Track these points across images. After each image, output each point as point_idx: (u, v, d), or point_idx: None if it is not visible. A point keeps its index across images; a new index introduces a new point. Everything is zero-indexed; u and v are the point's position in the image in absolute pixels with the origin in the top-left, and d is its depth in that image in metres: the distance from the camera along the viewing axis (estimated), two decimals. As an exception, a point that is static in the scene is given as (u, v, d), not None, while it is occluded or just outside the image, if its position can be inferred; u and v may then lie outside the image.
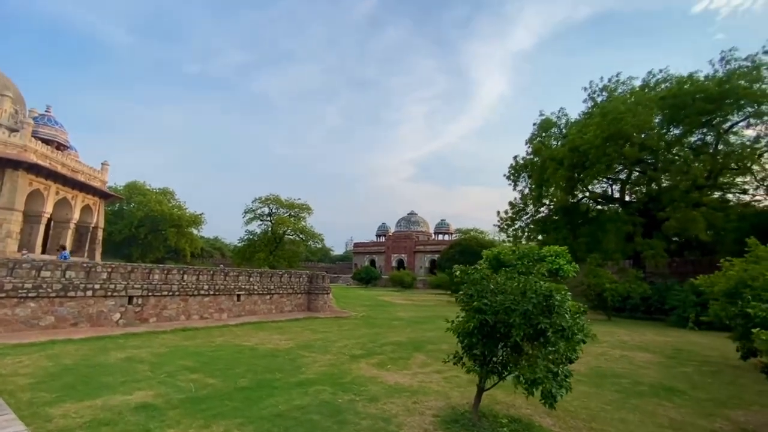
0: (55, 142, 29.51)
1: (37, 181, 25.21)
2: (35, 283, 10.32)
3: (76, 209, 29.22)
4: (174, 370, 7.21)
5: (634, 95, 24.93)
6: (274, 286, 17.32)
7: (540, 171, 29.65)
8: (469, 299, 4.63)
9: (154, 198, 60.12)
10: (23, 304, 10.13)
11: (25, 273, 10.23)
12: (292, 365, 8.16)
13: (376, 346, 10.88)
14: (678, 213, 23.13)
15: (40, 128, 28.52)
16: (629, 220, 24.16)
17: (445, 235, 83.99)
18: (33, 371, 6.69)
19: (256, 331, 12.59)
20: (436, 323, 16.89)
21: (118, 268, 12.11)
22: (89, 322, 11.29)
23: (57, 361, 7.47)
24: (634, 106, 23.04)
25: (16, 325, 9.97)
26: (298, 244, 63.52)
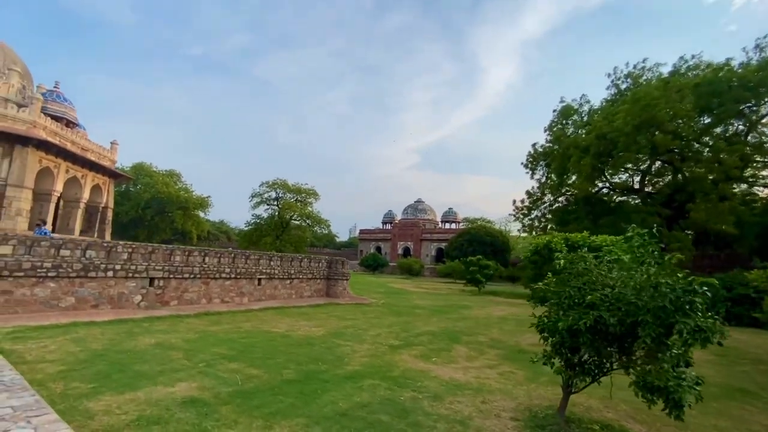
0: (65, 119, 28.79)
1: (46, 158, 24.60)
2: (55, 262, 9.79)
3: (86, 188, 28.68)
4: (210, 359, 6.68)
5: (669, 81, 23.82)
6: (294, 270, 16.79)
7: (561, 159, 28.76)
8: (577, 293, 3.99)
9: (160, 180, 59.62)
10: (42, 284, 9.61)
11: (44, 251, 9.69)
12: (332, 355, 7.62)
13: (410, 336, 10.35)
14: (707, 205, 22.35)
15: (48, 104, 27.77)
16: (655, 212, 23.37)
17: (452, 223, 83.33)
18: (61, 357, 6.16)
19: (281, 316, 12.09)
20: (460, 312, 16.38)
21: (139, 248, 11.56)
22: (110, 303, 10.80)
23: (84, 345, 6.95)
24: (668, 93, 22.01)
25: (35, 306, 9.47)
26: (304, 230, 63.24)
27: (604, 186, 31.00)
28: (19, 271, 9.21)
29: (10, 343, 6.76)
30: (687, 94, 21.56)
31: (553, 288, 4.55)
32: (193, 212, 63.77)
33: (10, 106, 23.69)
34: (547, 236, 9.47)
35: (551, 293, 4.58)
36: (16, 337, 7.12)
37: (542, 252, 9.14)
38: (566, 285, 4.18)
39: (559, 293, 4.36)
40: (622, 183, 30.30)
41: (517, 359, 8.43)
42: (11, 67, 27.80)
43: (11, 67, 27.80)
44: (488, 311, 17.62)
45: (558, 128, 32.64)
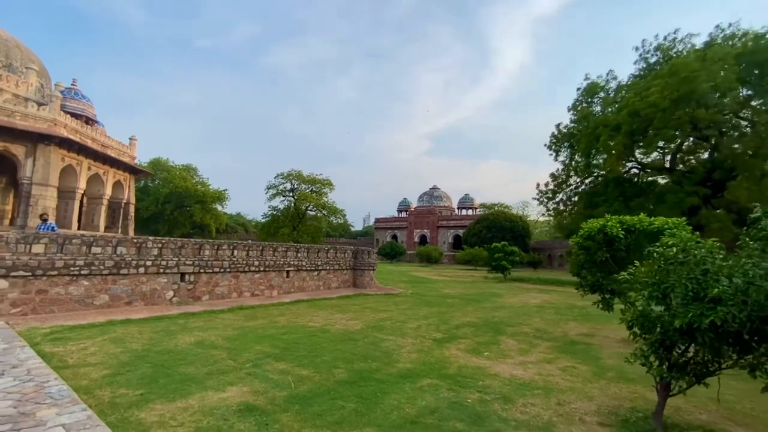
0: (84, 116, 28.90)
1: (69, 156, 24.75)
2: (87, 260, 9.62)
3: (108, 185, 28.90)
4: (255, 358, 6.35)
5: (707, 51, 22.32)
6: (321, 262, 16.49)
7: (589, 139, 27.56)
8: (696, 285, 3.42)
9: (178, 174, 60.14)
10: (76, 282, 9.47)
11: (76, 249, 9.51)
12: (379, 351, 7.22)
13: (451, 328, 9.90)
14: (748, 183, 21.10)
15: (67, 102, 27.87)
16: (693, 191, 22.19)
17: (469, 210, 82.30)
18: (103, 360, 5.91)
19: (314, 309, 11.79)
20: (493, 301, 15.87)
21: (168, 243, 11.34)
22: (143, 300, 10.64)
23: (124, 346, 6.71)
24: (708, 64, 20.61)
25: (70, 305, 9.34)
26: (320, 220, 63.37)
27: (633, 166, 29.70)
28: (52, 269, 9.06)
29: (50, 345, 6.56)
30: (729, 65, 20.14)
31: (653, 278, 3.97)
32: (211, 206, 64.31)
33: (30, 105, 23.79)
34: (600, 220, 8.78)
35: (648, 284, 4.01)
36: (55, 339, 6.93)
37: (596, 237, 8.46)
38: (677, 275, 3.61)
39: (662, 284, 3.79)
40: (653, 162, 28.95)
41: (572, 351, 7.90)
42: (28, 65, 27.91)
43: (28, 65, 27.91)
44: (522, 299, 17.06)
45: (583, 107, 31.27)
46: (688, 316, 3.29)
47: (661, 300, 3.84)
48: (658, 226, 8.16)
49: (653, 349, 3.89)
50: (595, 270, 8.84)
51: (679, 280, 3.51)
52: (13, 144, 22.15)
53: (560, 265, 58.69)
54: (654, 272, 4.03)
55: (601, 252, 8.48)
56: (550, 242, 66.24)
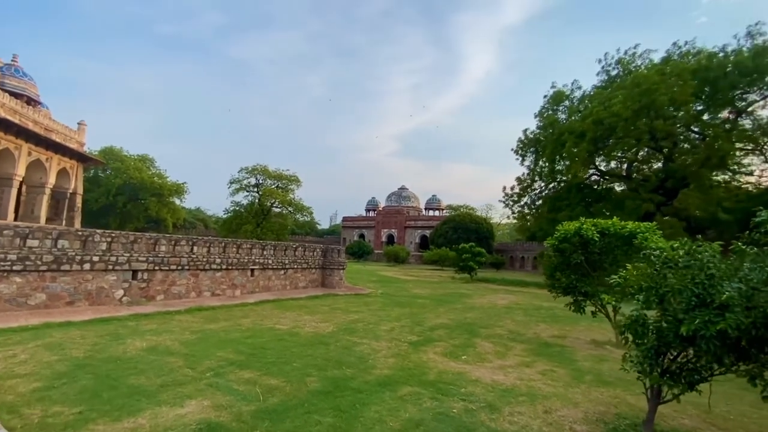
0: (25, 96, 26.24)
1: (5, 138, 22.31)
2: (21, 253, 8.47)
3: (51, 172, 26.39)
4: (217, 366, 5.73)
5: (667, 66, 23.63)
6: (288, 260, 15.76)
7: (554, 145, 28.48)
8: (703, 290, 3.26)
9: (132, 165, 56.39)
10: (7, 279, 8.31)
11: (8, 242, 8.35)
12: (353, 356, 6.80)
13: (426, 330, 9.63)
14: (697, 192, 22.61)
15: (6, 79, 25.22)
16: (648, 198, 23.44)
17: (436, 210, 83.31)
18: (34, 370, 5.09)
19: (280, 310, 11.15)
20: (463, 302, 15.85)
21: (119, 237, 10.29)
22: (88, 300, 9.57)
23: (62, 353, 5.86)
24: (667, 78, 21.82)
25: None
26: (285, 217, 61.83)
27: (594, 173, 31.06)
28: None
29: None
30: (686, 80, 21.42)
31: (649, 282, 3.81)
32: (168, 199, 60.87)
33: (-40, 80, 21.23)
34: (575, 222, 8.83)
35: (644, 288, 3.85)
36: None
37: (572, 239, 8.48)
38: (678, 279, 3.46)
39: (660, 288, 3.63)
40: (612, 170, 30.42)
41: (548, 354, 7.85)
42: (-40, 36, 24.91)
43: (-40, 36, 24.91)
44: (490, 300, 17.18)
45: (549, 114, 32.34)
46: (694, 323, 3.15)
47: (657, 304, 3.70)
48: (631, 230, 8.29)
49: (648, 355, 3.74)
50: (569, 272, 8.88)
51: (684, 285, 3.36)
52: (-63, 123, 19.66)
53: (521, 266, 60.69)
54: (649, 276, 3.89)
55: (577, 254, 8.52)
56: (512, 244, 68.44)
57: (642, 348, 3.83)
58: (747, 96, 24.72)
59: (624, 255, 8.59)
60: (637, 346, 3.92)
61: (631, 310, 3.94)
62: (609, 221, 8.66)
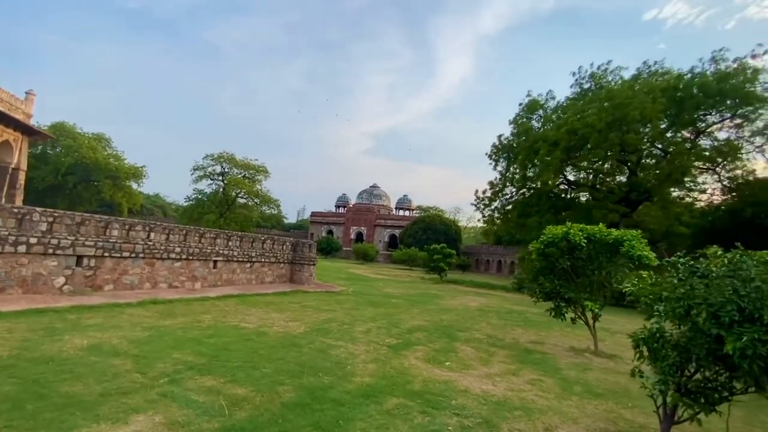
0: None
1: (-67, 101, 19.74)
2: (-64, 230, 7.17)
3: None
4: (173, 371, 4.94)
5: (638, 83, 24.55)
6: (255, 253, 14.80)
7: (527, 152, 28.94)
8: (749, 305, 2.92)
9: (86, 143, 52.22)
10: None
11: None
12: (329, 360, 6.18)
13: (403, 332, 9.15)
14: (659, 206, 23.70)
15: (-63, 35, 22.30)
16: (614, 209, 24.27)
17: (406, 210, 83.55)
18: (-62, 372, 4.11)
19: (245, 306, 10.30)
20: (436, 303, 15.57)
21: (63, 218, 9.06)
22: (22, 287, 8.32)
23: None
24: (639, 94, 22.63)
25: None
26: (251, 209, 59.69)
27: (563, 182, 31.91)
28: None
29: None
30: (656, 97, 22.32)
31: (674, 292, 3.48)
32: (125, 183, 57.01)
33: None
34: (562, 227, 8.66)
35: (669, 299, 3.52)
36: None
37: (560, 244, 8.28)
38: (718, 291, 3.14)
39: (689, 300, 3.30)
40: (580, 180, 31.40)
41: (532, 362, 7.59)
42: None
43: None
44: (462, 302, 17.02)
45: (524, 122, 32.87)
46: (741, 341, 2.83)
47: (682, 317, 3.38)
48: (616, 237, 8.20)
49: (669, 372, 3.42)
50: (553, 277, 8.70)
51: (727, 298, 3.04)
52: None
53: (486, 269, 61.95)
54: (673, 285, 3.58)
55: (563, 259, 8.33)
56: (478, 247, 69.78)
57: (662, 364, 3.50)
58: (707, 117, 26.24)
59: (608, 261, 8.52)
60: (655, 361, 3.60)
61: (652, 322, 3.61)
62: (595, 227, 8.55)
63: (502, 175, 34.38)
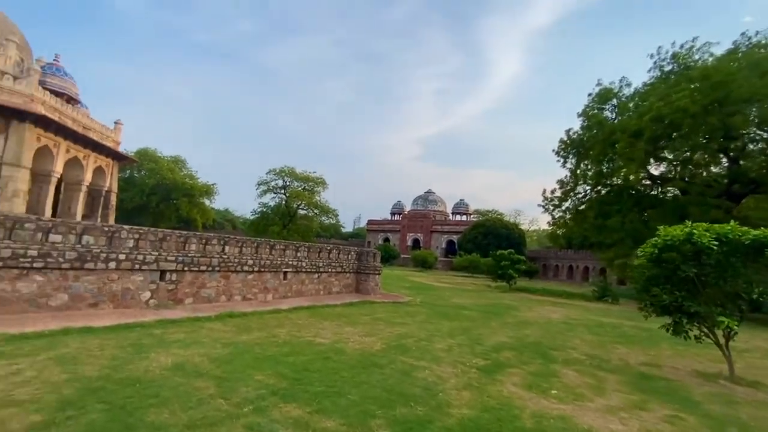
0: (65, 94, 26.58)
1: (45, 136, 22.48)
2: (42, 249, 7.70)
3: (88, 170, 26.58)
4: (256, 397, 4.57)
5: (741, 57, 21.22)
6: (322, 263, 14.69)
7: (602, 146, 26.35)
8: None
9: (165, 166, 57.54)
10: (27, 278, 7.55)
11: (29, 236, 7.60)
12: (417, 386, 5.51)
13: (488, 350, 8.22)
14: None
15: (48, 78, 25.57)
16: (717, 204, 21.03)
17: (464, 215, 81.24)
18: (37, 394, 4.08)
19: (317, 319, 10.01)
20: (513, 315, 14.28)
21: (147, 234, 9.46)
22: (113, 302, 8.74)
23: (74, 370, 4.87)
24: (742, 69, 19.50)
25: (18, 305, 7.42)
26: (311, 219, 61.59)
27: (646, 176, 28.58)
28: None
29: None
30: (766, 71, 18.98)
31: None
32: (199, 200, 61.77)
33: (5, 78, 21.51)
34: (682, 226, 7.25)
35: None
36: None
37: (683, 248, 6.90)
38: None
39: None
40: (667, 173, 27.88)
41: (655, 391, 6.29)
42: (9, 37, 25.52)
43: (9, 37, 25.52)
44: (540, 313, 15.51)
45: (595, 113, 30.13)
46: None
47: None
48: (756, 238, 6.63)
49: None
50: (672, 288, 7.27)
51: None
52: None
53: (555, 275, 57.76)
54: None
55: (687, 266, 6.91)
56: (544, 251, 65.50)
57: None
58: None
59: (744, 267, 6.95)
60: None
61: None
62: (726, 226, 7.02)
63: (573, 172, 31.73)
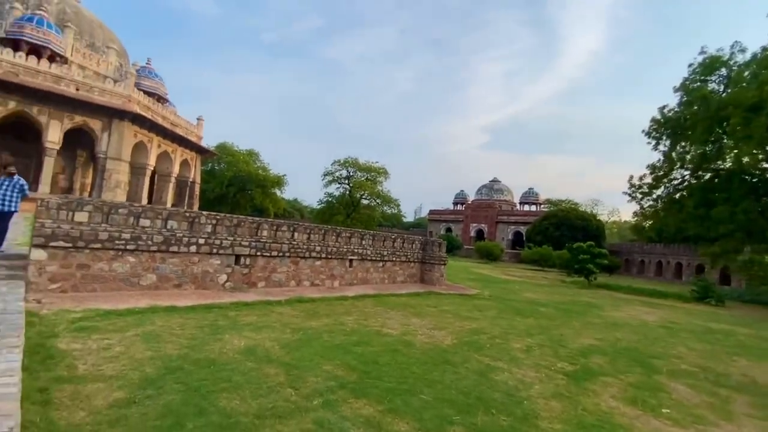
0: (156, 94, 29.34)
1: (140, 132, 25.03)
2: (134, 233, 8.33)
3: (175, 163, 29.24)
4: (325, 388, 4.35)
5: None
6: (387, 252, 14.47)
7: (708, 124, 22.70)
8: None
9: (241, 158, 61.71)
10: (121, 258, 8.22)
11: (123, 220, 8.25)
12: (498, 390, 4.93)
13: (574, 354, 7.30)
14: None
15: (141, 80, 28.36)
16: None
17: (533, 205, 76.49)
18: (122, 370, 4.24)
19: (383, 308, 9.77)
20: (597, 315, 12.82)
21: (223, 220, 9.88)
22: (194, 283, 9.27)
23: (157, 348, 5.07)
24: None
25: (114, 283, 8.12)
26: (373, 209, 62.26)
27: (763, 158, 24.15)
28: (95, 242, 7.84)
29: (71, 337, 5.09)
30: None
31: None
32: (270, 190, 65.48)
33: (107, 82, 24.19)
34: None
35: None
36: (80, 328, 5.49)
37: None
38: None
39: None
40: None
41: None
42: (109, 45, 28.64)
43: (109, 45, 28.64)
44: (630, 314, 13.78)
45: (697, 86, 26.01)
46: None
47: None
48: None
49: None
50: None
51: None
52: (91, 119, 22.59)
53: (640, 272, 52.03)
54: None
55: None
56: (627, 245, 59.21)
57: None
58: None
59: None
60: None
61: None
62: None
63: (667, 155, 27.89)
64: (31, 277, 7.14)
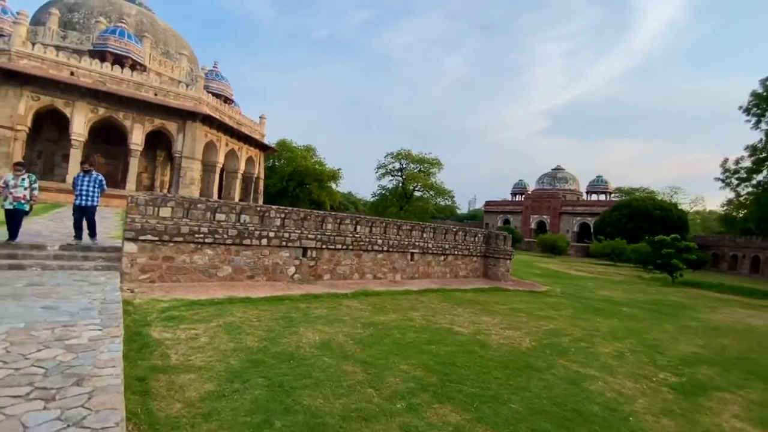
0: (223, 96, 31.12)
1: (210, 132, 26.72)
2: (211, 227, 8.78)
3: (242, 160, 30.92)
4: (406, 390, 4.15)
5: None
6: (448, 245, 14.03)
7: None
8: None
9: (300, 154, 63.88)
10: (200, 251, 8.70)
11: (201, 215, 8.71)
12: (593, 402, 4.41)
13: (675, 362, 6.44)
14: None
15: (209, 83, 30.21)
16: None
17: (601, 194, 70.92)
18: (209, 361, 4.37)
19: (449, 304, 9.42)
20: (692, 317, 11.39)
21: (291, 213, 10.10)
22: (265, 275, 9.60)
23: (239, 339, 5.20)
24: None
25: (194, 275, 8.63)
26: (426, 201, 61.56)
27: None
28: (178, 235, 8.36)
29: (162, 326, 5.40)
30: None
31: None
32: (326, 184, 67.28)
33: (180, 86, 26.02)
34: None
35: None
36: (170, 317, 5.82)
37: None
38: None
39: None
40: None
41: None
42: (181, 51, 30.76)
43: (181, 51, 30.76)
44: (730, 317, 12.09)
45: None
46: None
47: None
48: None
49: None
50: None
51: None
52: (168, 121, 24.49)
53: (731, 268, 46.06)
54: None
55: None
56: (715, 238, 52.53)
57: None
58: None
59: None
60: None
61: None
62: None
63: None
64: (124, 268, 7.78)
